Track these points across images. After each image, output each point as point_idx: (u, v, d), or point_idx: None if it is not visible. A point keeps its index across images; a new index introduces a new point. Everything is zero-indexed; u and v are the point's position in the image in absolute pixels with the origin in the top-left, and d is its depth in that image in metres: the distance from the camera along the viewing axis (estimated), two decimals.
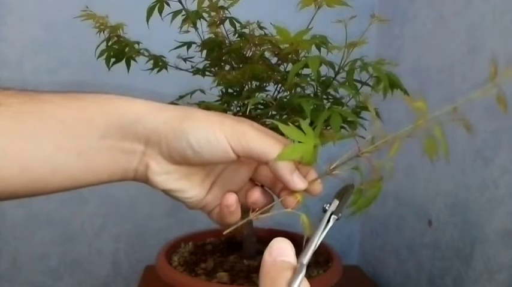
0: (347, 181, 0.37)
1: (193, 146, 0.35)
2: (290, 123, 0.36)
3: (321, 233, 0.33)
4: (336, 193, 0.37)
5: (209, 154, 0.36)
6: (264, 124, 0.40)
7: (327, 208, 0.36)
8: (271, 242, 0.29)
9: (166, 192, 0.39)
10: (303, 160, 0.35)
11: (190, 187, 0.39)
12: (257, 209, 0.39)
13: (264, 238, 0.70)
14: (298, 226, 0.35)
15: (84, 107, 0.35)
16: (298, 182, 0.36)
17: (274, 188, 0.40)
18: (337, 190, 0.37)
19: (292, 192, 0.37)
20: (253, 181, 0.42)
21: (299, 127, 0.36)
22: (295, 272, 0.27)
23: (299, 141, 0.35)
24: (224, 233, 0.39)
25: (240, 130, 0.36)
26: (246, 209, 0.41)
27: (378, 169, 0.35)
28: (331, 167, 0.36)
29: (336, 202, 0.36)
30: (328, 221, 0.35)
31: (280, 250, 0.28)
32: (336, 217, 0.35)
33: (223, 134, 0.35)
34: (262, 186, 0.42)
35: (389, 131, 0.34)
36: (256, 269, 0.60)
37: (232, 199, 0.39)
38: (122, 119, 0.35)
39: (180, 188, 0.39)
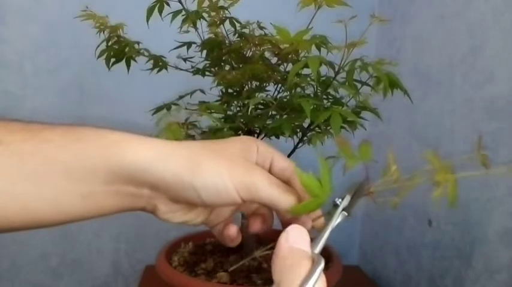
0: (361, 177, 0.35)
1: (202, 196, 0.35)
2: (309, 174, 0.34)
3: (330, 228, 0.32)
4: (348, 188, 0.35)
5: (217, 202, 0.36)
6: (265, 129, 0.39)
7: (338, 203, 0.34)
8: (288, 228, 0.28)
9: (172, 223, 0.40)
10: None
11: (195, 217, 0.40)
12: (262, 248, 0.39)
13: (264, 238, 0.70)
14: None
15: (85, 150, 0.34)
16: (305, 223, 0.36)
17: None
18: (350, 185, 0.35)
19: None
20: None
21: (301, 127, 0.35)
22: (314, 262, 0.26)
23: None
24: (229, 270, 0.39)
25: (249, 181, 0.35)
26: (246, 225, 0.41)
27: (381, 208, 0.34)
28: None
29: (348, 198, 0.34)
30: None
31: (298, 238, 0.28)
32: (346, 213, 0.33)
33: (233, 184, 0.35)
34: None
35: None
36: (256, 269, 0.60)
37: (233, 230, 0.40)
38: (127, 166, 0.34)
39: (185, 221, 0.40)
